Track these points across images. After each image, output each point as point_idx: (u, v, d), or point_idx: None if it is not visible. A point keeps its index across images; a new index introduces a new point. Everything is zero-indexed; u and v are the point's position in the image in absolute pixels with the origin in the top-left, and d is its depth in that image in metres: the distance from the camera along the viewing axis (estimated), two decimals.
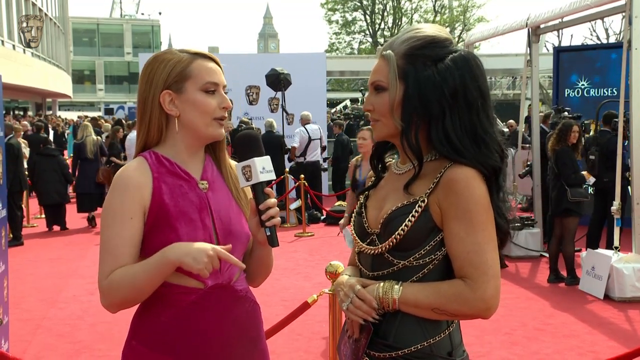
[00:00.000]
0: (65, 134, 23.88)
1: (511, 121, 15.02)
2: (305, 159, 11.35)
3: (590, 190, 8.52)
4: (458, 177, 1.62)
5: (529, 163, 8.79)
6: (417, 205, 1.65)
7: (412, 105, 1.67)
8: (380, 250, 1.70)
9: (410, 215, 1.65)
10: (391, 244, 1.67)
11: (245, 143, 1.82)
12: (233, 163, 1.99)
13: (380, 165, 1.87)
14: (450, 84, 1.65)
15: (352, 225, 1.85)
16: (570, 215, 6.93)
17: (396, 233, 1.66)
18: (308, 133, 11.35)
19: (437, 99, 1.65)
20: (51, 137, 17.60)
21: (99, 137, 11.60)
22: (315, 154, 11.45)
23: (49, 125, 23.39)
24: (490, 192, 1.65)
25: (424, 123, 1.68)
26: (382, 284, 1.69)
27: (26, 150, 12.10)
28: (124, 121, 15.78)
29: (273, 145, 10.88)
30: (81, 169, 10.91)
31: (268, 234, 1.79)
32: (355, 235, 1.81)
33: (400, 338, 1.67)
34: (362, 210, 1.82)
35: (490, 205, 1.64)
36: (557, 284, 6.99)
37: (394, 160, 1.86)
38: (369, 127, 5.12)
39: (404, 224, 1.65)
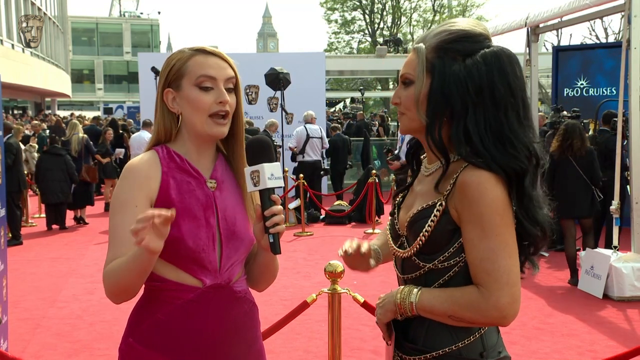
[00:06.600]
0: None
1: None
2: (303, 156, 11.32)
3: None
4: (470, 181, 1.57)
5: None
6: (435, 209, 1.63)
7: (435, 100, 1.63)
8: (407, 254, 1.69)
9: (429, 219, 1.63)
10: (417, 247, 1.65)
11: (256, 148, 1.80)
12: None
13: (418, 166, 1.84)
14: (475, 80, 1.60)
15: (388, 226, 1.84)
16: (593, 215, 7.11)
17: (420, 236, 1.64)
18: (307, 131, 11.33)
19: (460, 94, 1.61)
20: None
21: (85, 136, 11.58)
22: (314, 153, 11.42)
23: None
24: (514, 195, 1.60)
25: (448, 119, 1.64)
26: (402, 288, 1.69)
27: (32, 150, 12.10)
28: (118, 121, 15.65)
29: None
30: None
31: (271, 240, 1.77)
32: (390, 237, 1.80)
33: (429, 341, 1.66)
34: (394, 211, 1.81)
35: (507, 209, 1.58)
36: (556, 283, 6.99)
37: (423, 160, 1.81)
38: None
39: (426, 226, 1.63)
